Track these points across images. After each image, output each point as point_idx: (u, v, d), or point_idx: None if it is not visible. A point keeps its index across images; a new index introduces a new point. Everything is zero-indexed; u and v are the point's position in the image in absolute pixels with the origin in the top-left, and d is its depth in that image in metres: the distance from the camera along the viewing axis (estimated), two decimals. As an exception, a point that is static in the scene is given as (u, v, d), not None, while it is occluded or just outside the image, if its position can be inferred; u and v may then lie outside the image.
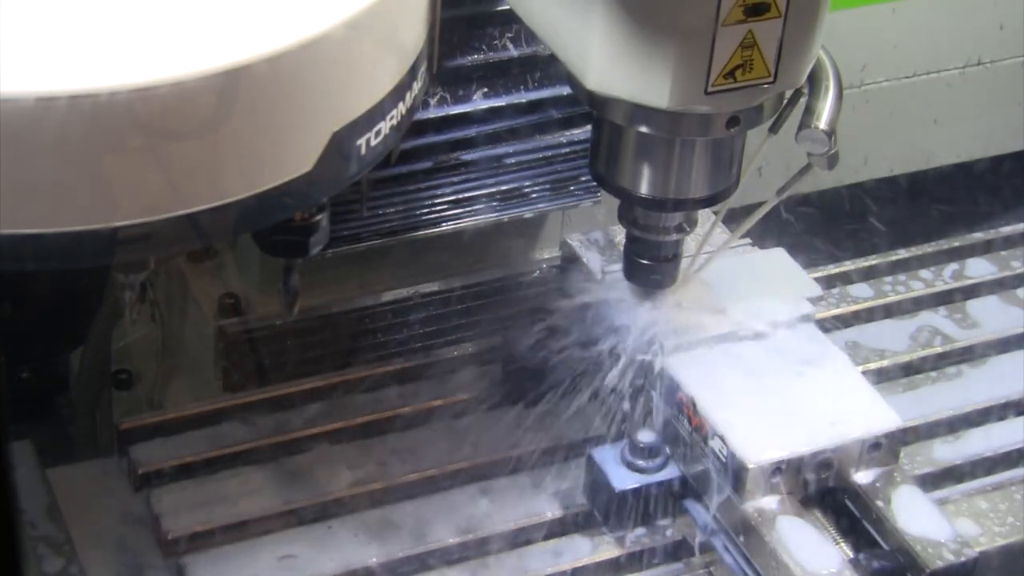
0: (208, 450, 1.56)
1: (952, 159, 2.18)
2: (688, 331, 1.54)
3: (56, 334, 1.96)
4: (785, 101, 1.43)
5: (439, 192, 1.71)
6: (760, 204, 1.58)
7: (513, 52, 1.68)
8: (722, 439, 1.45)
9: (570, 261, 1.71)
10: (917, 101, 2.10)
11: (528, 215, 1.76)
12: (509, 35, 1.67)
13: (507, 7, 1.48)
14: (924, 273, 1.84)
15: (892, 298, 1.80)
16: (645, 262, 1.53)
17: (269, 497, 1.53)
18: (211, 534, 1.49)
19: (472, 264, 1.83)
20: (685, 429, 1.50)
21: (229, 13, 1.13)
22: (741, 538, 1.46)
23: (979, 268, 1.86)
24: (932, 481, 1.60)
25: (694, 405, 1.48)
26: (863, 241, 2.09)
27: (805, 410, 1.48)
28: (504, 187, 1.73)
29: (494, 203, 1.73)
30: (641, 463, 1.52)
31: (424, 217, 1.71)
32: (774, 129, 1.46)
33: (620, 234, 1.64)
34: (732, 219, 1.63)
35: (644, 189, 1.45)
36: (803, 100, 1.43)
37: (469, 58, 1.66)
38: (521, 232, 1.82)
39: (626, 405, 1.55)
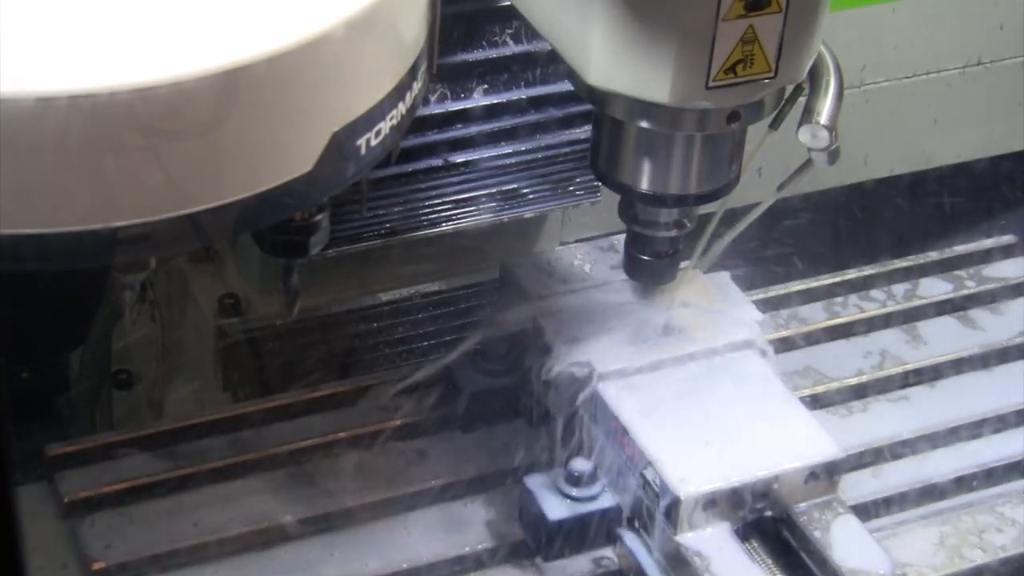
0: (137, 477, 1.52)
1: (952, 159, 2.18)
2: (623, 357, 1.52)
3: (56, 334, 1.96)
4: (786, 96, 1.42)
5: (439, 192, 1.71)
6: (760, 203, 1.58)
7: (514, 49, 1.67)
8: (655, 469, 1.42)
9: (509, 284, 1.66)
10: (917, 101, 2.10)
11: (528, 215, 1.76)
12: (509, 31, 1.67)
13: (508, 3, 1.48)
14: (876, 293, 1.81)
15: (842, 319, 1.77)
16: (645, 258, 1.52)
17: (201, 524, 1.50)
18: (137, 564, 1.47)
19: (472, 264, 1.83)
20: (620, 458, 1.47)
21: (229, 13, 1.12)
22: (675, 570, 1.42)
23: (932, 288, 1.82)
24: (875, 509, 1.57)
25: (628, 433, 1.45)
26: (863, 241, 2.09)
27: (741, 439, 1.45)
28: (504, 187, 1.73)
29: (494, 203, 1.73)
30: (576, 492, 1.49)
31: (424, 217, 1.71)
32: (775, 125, 1.46)
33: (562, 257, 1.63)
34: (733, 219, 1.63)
35: (644, 185, 1.45)
36: (804, 95, 1.43)
37: (469, 55, 1.66)
38: (521, 232, 1.82)
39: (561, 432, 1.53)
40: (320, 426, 1.61)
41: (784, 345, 1.71)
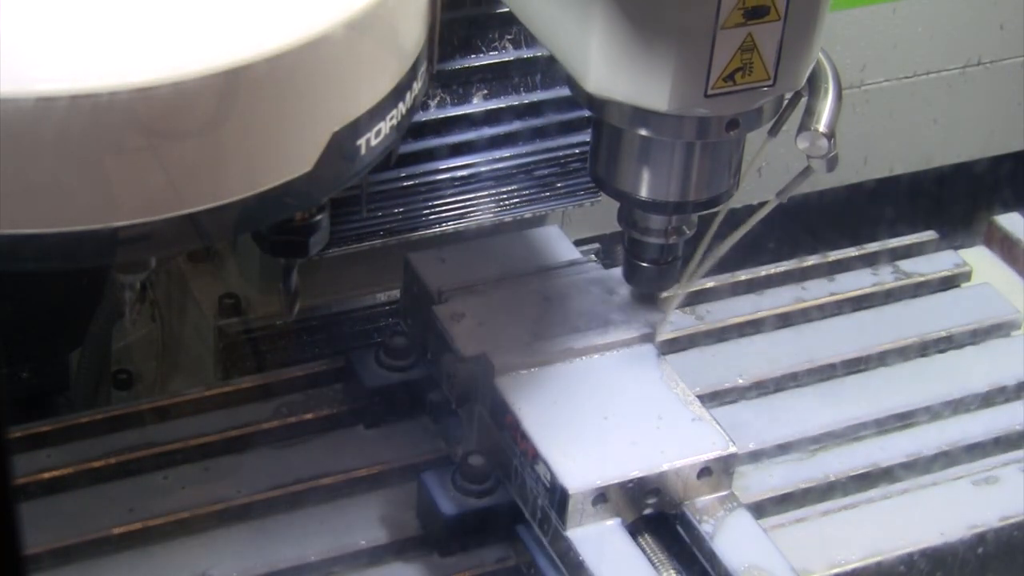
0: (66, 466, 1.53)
1: (952, 159, 2.19)
2: (519, 351, 1.51)
3: (56, 334, 1.96)
4: (785, 103, 1.42)
5: (439, 192, 1.71)
6: (761, 204, 1.58)
7: (513, 55, 1.68)
8: (545, 464, 1.41)
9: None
10: (917, 101, 2.10)
11: (528, 215, 1.76)
12: (509, 37, 1.67)
13: (507, 9, 1.48)
14: (791, 288, 1.80)
15: (759, 314, 1.77)
16: (644, 265, 1.52)
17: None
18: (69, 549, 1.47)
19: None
20: (514, 452, 1.46)
21: (229, 13, 1.12)
22: (567, 566, 1.41)
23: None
24: (772, 505, 1.57)
25: (521, 427, 1.44)
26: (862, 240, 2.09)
27: (634, 434, 1.44)
28: (504, 187, 1.73)
29: (494, 203, 1.73)
30: (471, 487, 1.48)
31: (424, 217, 1.71)
32: (774, 132, 1.46)
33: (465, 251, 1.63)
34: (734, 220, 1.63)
35: (643, 192, 1.45)
36: (803, 102, 1.43)
37: (469, 60, 1.66)
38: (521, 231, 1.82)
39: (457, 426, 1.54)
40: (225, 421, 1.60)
41: (694, 340, 1.72)
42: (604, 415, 1.46)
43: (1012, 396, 1.73)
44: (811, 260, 1.83)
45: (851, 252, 1.85)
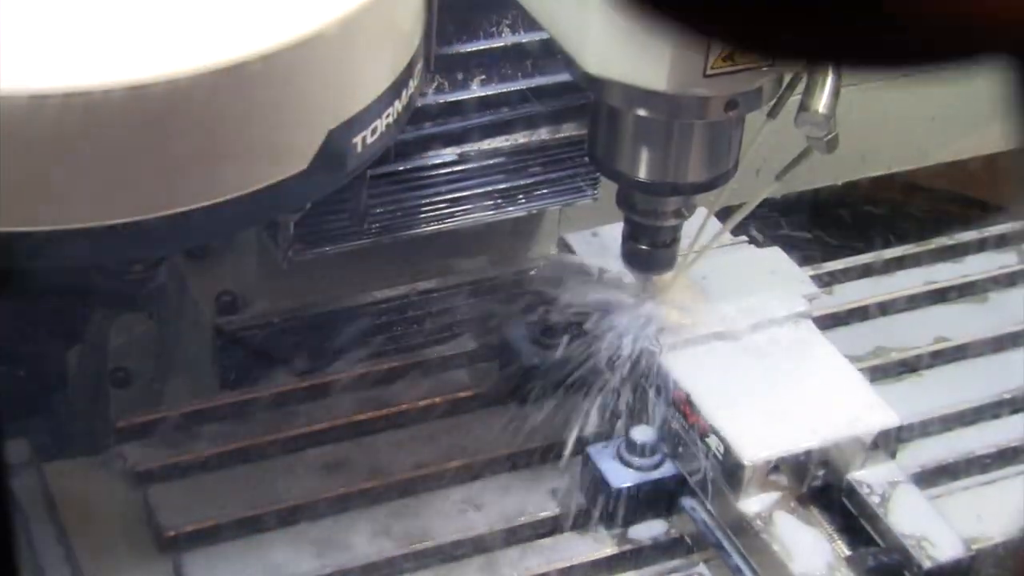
0: (207, 448, 1.55)
1: (949, 157, 2.18)
2: (684, 328, 1.54)
3: (53, 332, 1.96)
4: (784, 85, 1.42)
5: (435, 189, 1.70)
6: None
7: (511, 39, 1.67)
8: (718, 436, 1.44)
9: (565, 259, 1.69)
10: (914, 99, 2.10)
11: (525, 213, 1.76)
12: (507, 22, 1.66)
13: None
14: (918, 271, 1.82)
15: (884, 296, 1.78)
16: (643, 247, 1.52)
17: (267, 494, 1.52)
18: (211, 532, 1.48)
19: (470, 262, 1.83)
20: (682, 426, 1.49)
21: (224, 11, 1.12)
22: (737, 536, 1.45)
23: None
24: (929, 478, 1.59)
25: (690, 402, 1.48)
26: (861, 240, 2.09)
27: (802, 408, 1.48)
28: (501, 185, 1.72)
29: (491, 201, 1.73)
30: (638, 461, 1.51)
31: (420, 214, 1.71)
32: (773, 113, 1.46)
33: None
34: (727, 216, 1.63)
35: (642, 173, 1.45)
36: (802, 84, 1.42)
37: (466, 45, 1.65)
38: (518, 229, 1.82)
39: (623, 402, 1.55)
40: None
41: (838, 319, 1.74)
42: (771, 389, 1.50)
43: None
44: (935, 243, 1.84)
45: (973, 235, 1.86)
